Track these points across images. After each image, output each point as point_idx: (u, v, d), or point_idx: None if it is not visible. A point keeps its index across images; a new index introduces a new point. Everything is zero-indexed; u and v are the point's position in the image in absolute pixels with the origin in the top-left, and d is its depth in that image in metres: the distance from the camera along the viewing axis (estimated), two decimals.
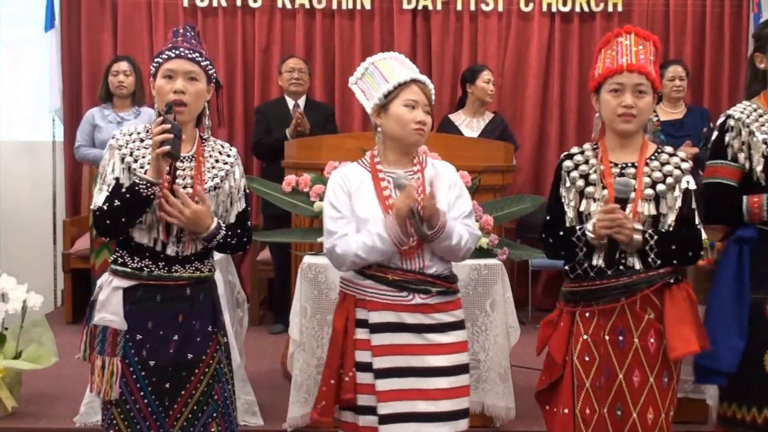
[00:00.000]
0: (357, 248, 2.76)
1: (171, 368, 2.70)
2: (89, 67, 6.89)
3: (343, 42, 6.88)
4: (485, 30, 6.86)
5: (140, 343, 2.69)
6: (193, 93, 2.73)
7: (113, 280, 2.74)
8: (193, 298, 2.75)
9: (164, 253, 2.71)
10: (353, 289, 2.86)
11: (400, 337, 2.79)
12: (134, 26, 6.91)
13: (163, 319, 2.71)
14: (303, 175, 4.09)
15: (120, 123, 5.82)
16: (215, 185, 2.78)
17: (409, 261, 2.81)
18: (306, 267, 3.72)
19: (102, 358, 2.70)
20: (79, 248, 6.34)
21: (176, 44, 2.78)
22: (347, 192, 2.86)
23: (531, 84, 6.85)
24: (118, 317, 2.69)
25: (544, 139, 6.87)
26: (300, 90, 6.12)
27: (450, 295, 2.87)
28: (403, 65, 2.95)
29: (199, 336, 2.75)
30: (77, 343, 2.80)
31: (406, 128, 2.82)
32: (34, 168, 7.01)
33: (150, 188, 2.61)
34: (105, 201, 2.65)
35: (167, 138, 2.58)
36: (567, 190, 2.86)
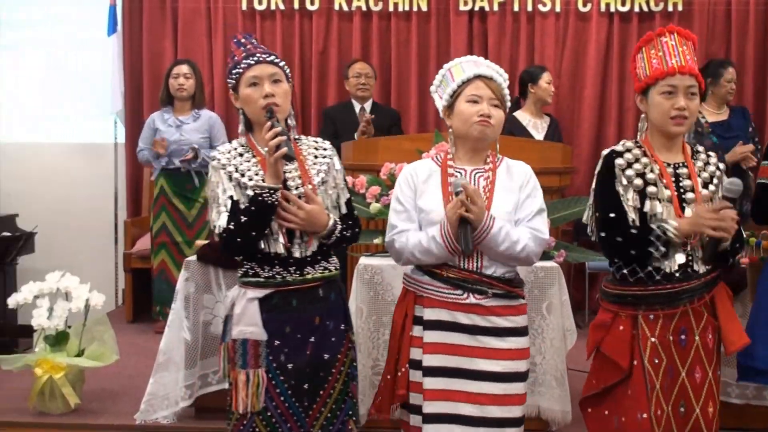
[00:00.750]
0: (413, 247, 2.76)
1: (309, 369, 2.71)
2: (150, 70, 7.01)
3: (400, 44, 6.89)
4: (542, 31, 6.81)
5: (278, 348, 2.70)
6: (281, 94, 2.75)
7: (247, 292, 2.73)
8: (327, 298, 2.77)
9: (293, 257, 2.71)
10: (413, 285, 2.85)
11: (452, 337, 2.76)
12: (194, 30, 7.01)
13: (301, 323, 2.72)
14: (359, 177, 4.10)
15: (179, 126, 5.91)
16: (322, 180, 2.79)
17: (468, 259, 2.77)
18: (362, 268, 3.73)
19: (245, 372, 2.69)
20: (139, 248, 6.43)
21: (250, 51, 2.79)
22: (413, 187, 2.85)
23: (589, 85, 6.77)
24: (257, 328, 2.70)
25: (602, 141, 6.77)
26: (366, 95, 6.15)
27: (510, 299, 2.80)
28: (475, 64, 2.89)
29: (333, 336, 2.77)
30: (138, 342, 2.84)
31: (468, 122, 2.79)
32: (96, 169, 7.15)
33: (274, 194, 2.63)
34: (229, 221, 2.65)
35: (281, 140, 2.60)
36: (625, 188, 2.81)
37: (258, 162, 2.75)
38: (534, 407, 3.80)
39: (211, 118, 5.99)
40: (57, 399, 4.28)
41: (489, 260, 2.78)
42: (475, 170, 2.85)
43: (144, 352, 5.08)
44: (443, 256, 2.75)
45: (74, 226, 7.08)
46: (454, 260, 2.77)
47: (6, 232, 6.03)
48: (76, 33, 7.16)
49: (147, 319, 6.22)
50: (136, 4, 7.05)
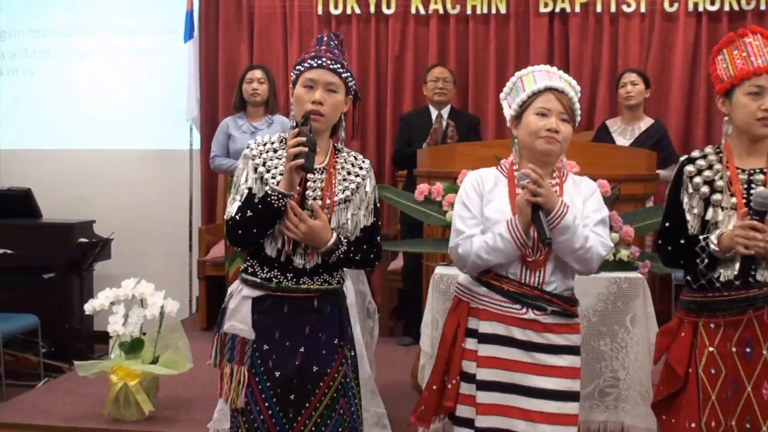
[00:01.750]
0: (479, 248, 2.74)
1: (296, 380, 2.72)
2: (226, 76, 7.12)
3: (478, 48, 6.86)
4: (626, 32, 6.71)
5: (267, 353, 2.73)
6: (330, 104, 2.74)
7: (243, 289, 2.78)
8: (321, 309, 2.77)
9: (292, 265, 2.73)
10: (468, 296, 2.83)
11: (507, 352, 2.74)
12: (270, 36, 7.11)
13: (290, 331, 2.73)
14: (435, 184, 4.09)
15: (254, 133, 5.97)
16: (345, 198, 2.77)
17: (530, 274, 2.75)
18: (438, 278, 3.71)
19: (231, 365, 2.75)
20: (213, 256, 6.52)
21: (319, 53, 2.80)
22: (480, 193, 2.84)
23: (675, 88, 6.64)
24: (246, 326, 2.74)
25: (690, 146, 6.62)
26: (443, 99, 6.13)
27: (567, 317, 2.78)
28: (548, 75, 2.87)
29: (325, 348, 2.76)
30: (210, 350, 2.88)
31: (533, 136, 2.77)
32: (170, 176, 7.29)
33: (281, 200, 2.64)
34: (237, 211, 2.69)
35: (302, 151, 2.59)
36: (690, 196, 2.79)
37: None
38: (617, 423, 3.73)
39: (284, 123, 6.02)
40: (131, 406, 4.36)
41: (551, 275, 2.76)
42: None
43: None
44: (511, 253, 2.72)
45: (149, 233, 7.23)
46: (515, 273, 2.75)
47: (83, 238, 6.18)
48: (151, 39, 7.32)
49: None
50: (213, 9, 7.18)
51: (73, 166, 7.31)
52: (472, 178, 2.89)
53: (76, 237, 6.15)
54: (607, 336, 3.66)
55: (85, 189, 7.26)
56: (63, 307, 5.96)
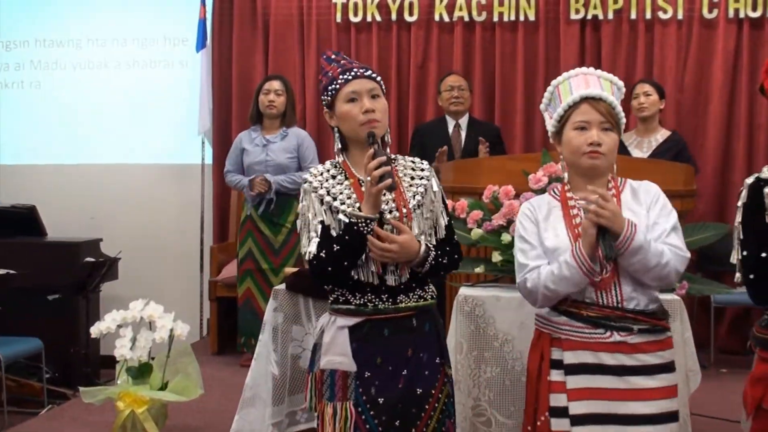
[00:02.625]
0: (546, 279, 2.71)
1: (401, 404, 2.71)
2: (240, 87, 7.17)
3: (505, 56, 6.87)
4: (662, 40, 6.70)
5: (368, 380, 2.71)
6: (381, 109, 2.77)
7: (336, 320, 2.76)
8: (420, 328, 2.77)
9: (385, 285, 2.73)
10: (548, 327, 2.79)
11: (598, 380, 2.70)
12: (286, 45, 7.15)
13: (392, 354, 2.73)
14: (460, 200, 4.09)
15: (266, 145, 6.01)
16: (418, 203, 2.79)
17: (606, 294, 2.71)
18: (462, 299, 3.70)
19: (333, 404, 2.72)
20: (226, 276, 6.53)
21: (345, 66, 2.82)
22: (535, 222, 2.82)
23: (714, 99, 6.62)
24: (347, 358, 2.72)
25: (730, 161, 6.61)
26: (460, 109, 6.15)
27: (657, 333, 2.73)
28: (584, 81, 2.84)
29: (427, 369, 2.76)
30: (223, 376, 2.88)
31: (576, 154, 2.75)
32: (182, 192, 7.33)
33: (370, 224, 2.65)
34: (320, 248, 2.68)
35: (386, 171, 2.61)
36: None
37: (351, 185, 2.77)
38: None
39: (299, 136, 6.06)
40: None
41: (631, 291, 2.71)
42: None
43: (229, 387, 5.16)
44: (579, 280, 2.68)
45: (158, 252, 7.26)
46: (591, 296, 2.72)
47: (90, 257, 6.20)
48: (162, 49, 7.40)
49: (232, 351, 6.32)
50: (227, 17, 7.24)
51: (79, 181, 7.36)
52: (525, 209, 2.88)
53: (82, 256, 6.17)
54: None
55: (91, 206, 7.31)
56: (68, 330, 5.99)
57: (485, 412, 3.50)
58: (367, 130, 2.73)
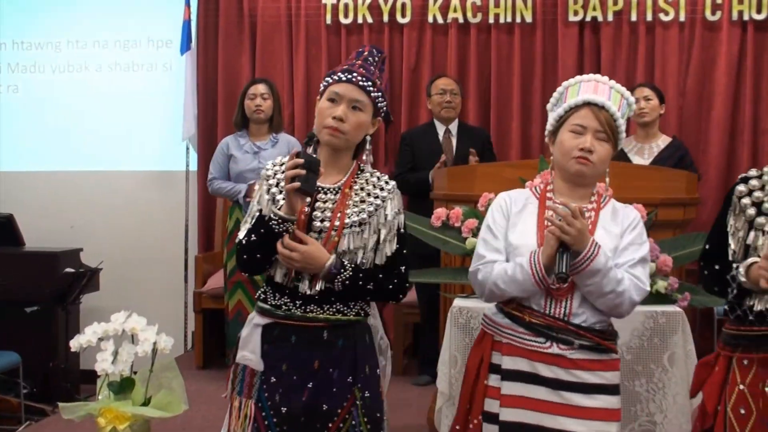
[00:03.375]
0: (497, 276, 2.77)
1: (303, 417, 2.73)
2: (225, 91, 7.18)
3: (501, 59, 6.90)
4: (664, 43, 6.73)
5: (274, 386, 2.76)
6: (353, 123, 2.78)
7: (255, 317, 2.83)
8: (331, 343, 2.78)
9: (301, 291, 2.77)
10: (491, 328, 2.85)
11: (532, 390, 2.74)
12: (274, 47, 7.16)
13: (298, 364, 2.76)
14: (454, 208, 4.11)
15: (256, 153, 6.01)
16: (360, 221, 2.79)
17: (555, 304, 2.75)
18: (456, 311, 3.72)
19: (239, 399, 2.80)
20: (211, 287, 6.54)
21: (352, 67, 2.84)
22: (507, 216, 2.86)
23: (718, 104, 6.64)
24: (255, 356, 2.78)
25: (734, 168, 6.63)
26: (452, 116, 6.18)
27: (600, 352, 2.76)
28: (594, 86, 2.89)
29: (336, 386, 2.77)
30: (208, 390, 2.92)
31: (566, 157, 2.80)
32: (165, 199, 7.32)
33: (282, 224, 2.70)
34: (245, 235, 2.78)
35: (298, 174, 2.64)
36: (736, 218, 2.80)
37: None
38: None
39: (290, 142, 6.08)
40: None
41: (579, 306, 2.75)
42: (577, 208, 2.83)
43: (215, 402, 5.10)
44: (529, 287, 2.73)
45: (141, 262, 7.26)
46: (540, 303, 2.75)
47: (69, 268, 6.18)
48: (145, 51, 7.40)
49: (219, 365, 6.33)
50: (212, 19, 7.25)
51: (59, 189, 7.36)
52: (500, 199, 2.93)
53: (62, 267, 6.16)
54: (643, 376, 3.66)
55: (71, 214, 7.31)
56: (47, 343, 5.99)
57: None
58: (327, 134, 2.77)
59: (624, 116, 2.89)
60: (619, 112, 2.85)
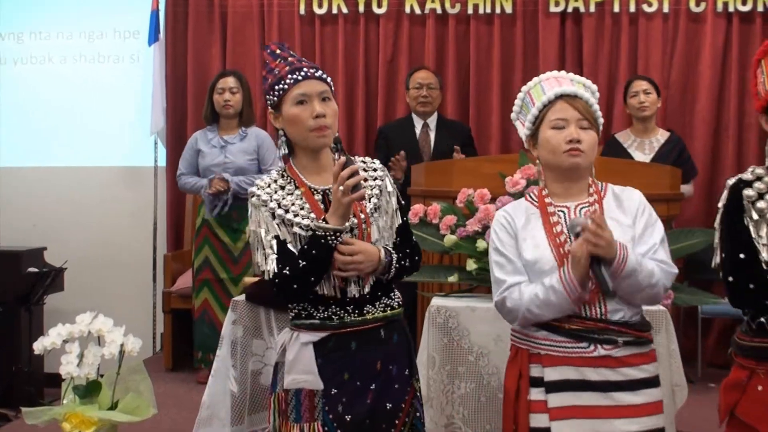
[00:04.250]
0: (529, 302, 2.73)
1: (369, 420, 2.73)
2: (195, 83, 7.16)
3: (480, 51, 6.92)
4: (647, 34, 6.76)
5: (335, 398, 2.73)
6: (331, 114, 2.79)
7: (300, 336, 2.78)
8: (389, 340, 2.80)
9: (348, 297, 2.75)
10: (527, 343, 2.81)
11: (582, 397, 2.72)
12: (245, 38, 7.15)
13: (360, 368, 2.75)
14: (432, 204, 4.11)
15: (223, 147, 6.00)
16: (375, 206, 2.82)
17: (589, 306, 2.74)
18: (434, 310, 3.72)
19: (299, 425, 2.74)
20: (180, 286, 6.52)
21: (294, 65, 2.83)
22: (513, 233, 2.84)
23: (702, 97, 6.69)
24: (312, 376, 2.74)
25: (718, 163, 6.68)
26: (428, 110, 6.18)
27: (641, 345, 2.76)
28: (557, 81, 2.89)
29: (397, 382, 2.79)
30: (178, 393, 2.90)
31: (556, 153, 2.78)
32: (133, 196, 7.29)
33: (339, 237, 2.68)
34: (282, 265, 2.69)
35: (358, 180, 2.65)
36: (756, 224, 2.68)
37: (302, 194, 2.79)
38: None
39: (258, 136, 6.07)
40: None
41: (615, 303, 2.74)
42: (579, 205, 2.82)
43: (184, 405, 5.15)
44: (566, 307, 2.71)
45: (108, 261, 7.22)
46: (573, 309, 2.74)
47: (33, 267, 6.15)
48: (111, 42, 7.36)
49: (188, 367, 6.31)
50: (181, 9, 7.23)
51: (21, 185, 7.32)
52: (500, 217, 2.90)
53: (25, 266, 6.13)
54: None
55: (34, 212, 7.26)
56: (9, 346, 5.96)
57: (459, 431, 3.52)
58: (316, 137, 2.76)
59: None
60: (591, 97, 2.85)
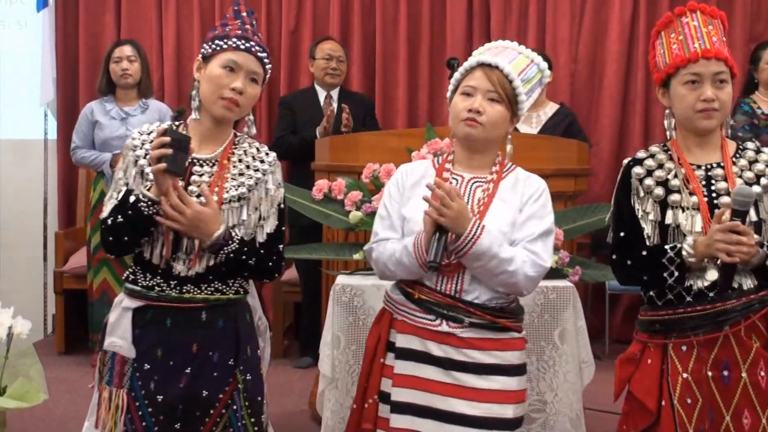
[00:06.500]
0: (388, 258, 2.79)
1: (182, 406, 2.71)
2: (87, 52, 7.03)
3: (386, 23, 6.92)
4: (555, 8, 6.84)
5: (148, 373, 2.72)
6: (250, 96, 2.77)
7: (124, 300, 2.78)
8: (211, 324, 2.76)
9: (176, 273, 2.73)
10: (390, 305, 2.87)
11: (423, 370, 2.76)
12: (141, 5, 7.04)
13: (174, 348, 2.73)
14: (337, 180, 4.10)
15: (124, 119, 5.91)
16: (240, 195, 2.77)
17: (447, 281, 2.77)
18: (339, 289, 3.71)
19: (109, 389, 2.74)
20: (74, 266, 6.42)
21: (246, 34, 2.80)
22: (402, 190, 2.88)
23: (610, 71, 6.80)
24: (126, 342, 2.73)
25: (626, 138, 6.81)
26: (336, 82, 6.18)
27: (496, 331, 2.78)
28: (495, 51, 2.89)
29: (216, 370, 2.76)
30: (71, 378, 2.86)
31: (455, 120, 2.81)
32: (22, 171, 7.15)
33: (152, 207, 2.65)
34: (110, 213, 2.70)
35: (164, 153, 2.59)
36: (641, 201, 2.81)
37: None
38: None
39: (161, 110, 6.00)
40: None
41: (470, 283, 2.77)
42: (475, 179, 2.85)
43: (78, 390, 5.08)
44: (415, 271, 2.75)
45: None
46: (431, 279, 2.77)
47: None
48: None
49: (82, 350, 6.20)
50: None
51: None
52: (398, 173, 2.94)
53: None
54: (533, 353, 3.71)
55: None
56: None
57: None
58: (222, 107, 2.73)
59: (532, 80, 2.90)
60: (521, 76, 2.85)
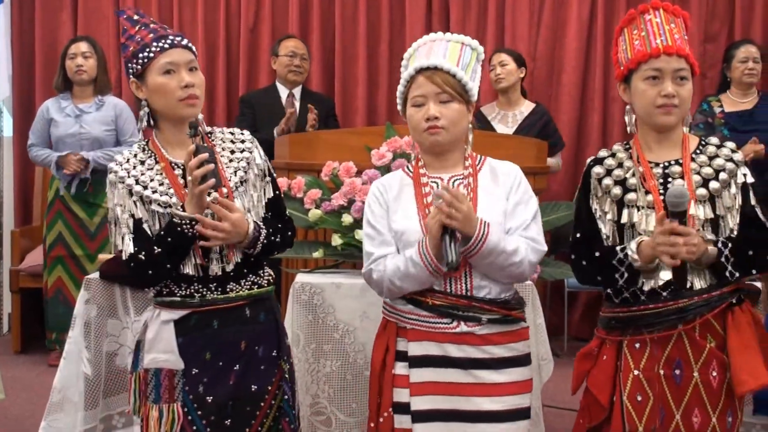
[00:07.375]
0: (392, 274, 2.76)
1: (232, 403, 2.72)
2: (44, 49, 6.98)
3: (345, 21, 6.92)
4: (514, 6, 6.87)
5: (196, 378, 2.71)
6: (200, 85, 2.78)
7: (161, 314, 2.76)
8: (255, 319, 2.79)
9: (212, 273, 2.74)
10: (394, 316, 2.84)
11: (443, 374, 2.75)
12: (98, 3, 6.99)
13: (222, 348, 2.74)
14: (296, 178, 4.10)
15: (78, 116, 5.87)
16: (241, 179, 2.80)
17: (455, 282, 2.77)
18: (298, 287, 3.72)
19: (158, 406, 2.72)
20: (30, 264, 6.37)
21: (159, 33, 2.79)
22: (384, 206, 2.86)
23: (568, 69, 6.85)
24: (172, 355, 2.72)
25: (584, 136, 6.86)
26: (299, 80, 6.19)
27: (509, 323, 2.80)
28: (426, 49, 2.88)
29: (263, 364, 2.79)
30: (27, 377, 2.84)
31: (417, 131, 2.82)
32: None
33: (195, 225, 2.65)
34: (138, 248, 2.68)
35: (208, 170, 2.60)
36: (600, 201, 2.84)
37: (162, 169, 2.76)
38: None
39: (117, 106, 5.97)
40: None
41: (481, 279, 2.77)
42: (453, 177, 2.85)
43: (35, 390, 5.05)
44: (425, 280, 2.74)
45: None
46: (440, 284, 2.77)
47: None
48: None
49: (39, 349, 6.18)
50: None
51: None
52: (374, 188, 2.92)
53: None
54: None
55: None
56: None
57: (325, 410, 3.54)
58: (185, 107, 2.73)
59: (470, 63, 2.88)
60: (459, 65, 2.85)
